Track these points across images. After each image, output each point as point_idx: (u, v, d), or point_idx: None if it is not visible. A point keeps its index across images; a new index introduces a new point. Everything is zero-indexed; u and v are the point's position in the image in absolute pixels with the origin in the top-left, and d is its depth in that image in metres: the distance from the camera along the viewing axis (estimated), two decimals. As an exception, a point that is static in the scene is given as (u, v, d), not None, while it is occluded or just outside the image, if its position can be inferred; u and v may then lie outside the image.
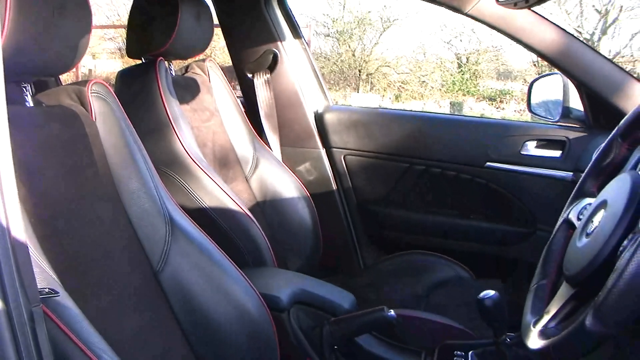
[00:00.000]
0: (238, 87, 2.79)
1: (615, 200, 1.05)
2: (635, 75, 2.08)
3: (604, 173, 1.31)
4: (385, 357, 1.76)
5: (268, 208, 2.34)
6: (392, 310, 1.69)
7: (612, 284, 0.85)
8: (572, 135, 2.27)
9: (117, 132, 1.32)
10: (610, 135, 1.30)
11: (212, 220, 1.92)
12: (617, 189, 1.08)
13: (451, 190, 2.54)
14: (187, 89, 2.21)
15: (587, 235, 1.10)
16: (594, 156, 1.35)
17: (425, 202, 2.59)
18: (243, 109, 2.44)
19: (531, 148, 2.38)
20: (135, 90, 1.99)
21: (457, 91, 12.30)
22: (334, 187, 2.68)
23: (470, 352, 1.72)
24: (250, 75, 2.63)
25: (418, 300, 2.25)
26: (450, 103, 11.98)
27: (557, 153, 2.31)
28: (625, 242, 0.99)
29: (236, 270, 1.42)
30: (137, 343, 1.20)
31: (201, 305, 1.32)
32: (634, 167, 1.38)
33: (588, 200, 1.29)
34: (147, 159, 1.38)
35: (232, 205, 1.96)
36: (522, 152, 2.38)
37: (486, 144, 2.43)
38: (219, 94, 2.33)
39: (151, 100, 1.94)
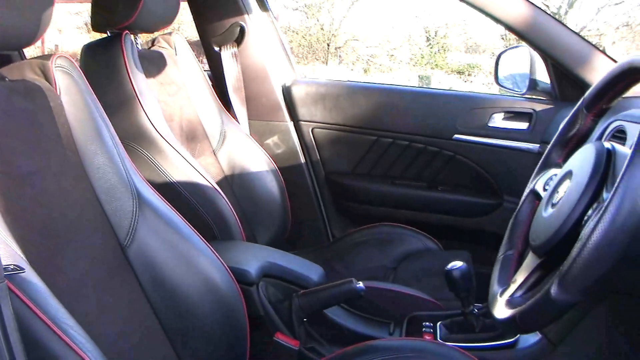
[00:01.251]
0: (205, 61, 2.76)
1: (580, 171, 1.06)
2: (601, 48, 2.09)
3: (570, 144, 1.32)
4: (354, 329, 1.77)
5: (236, 181, 2.33)
6: (360, 282, 1.70)
7: (577, 253, 0.86)
8: (539, 107, 2.29)
9: (82, 106, 1.30)
10: (576, 107, 1.31)
11: (179, 194, 1.91)
12: (582, 160, 1.09)
13: (419, 163, 2.54)
14: (154, 63, 2.18)
15: (553, 205, 1.11)
16: (560, 128, 1.36)
17: (393, 175, 2.60)
18: (210, 83, 2.42)
19: (498, 120, 2.39)
20: (100, 64, 1.96)
21: (425, 65, 12.32)
22: (302, 160, 2.68)
23: (438, 323, 1.74)
24: (217, 49, 2.61)
25: (386, 272, 2.26)
26: (419, 77, 12.01)
27: (524, 125, 2.33)
28: (589, 212, 1.00)
29: (204, 244, 1.41)
30: (105, 318, 1.19)
31: (169, 279, 1.31)
32: (599, 138, 1.40)
33: (554, 171, 1.30)
34: (113, 133, 1.36)
35: (200, 179, 1.95)
36: (489, 125, 2.39)
37: (454, 117, 2.44)
38: (186, 68, 2.31)
39: (117, 74, 1.92)
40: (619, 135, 1.40)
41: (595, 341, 1.49)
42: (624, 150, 1.03)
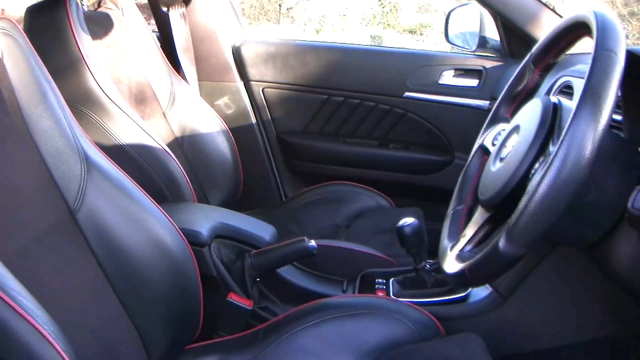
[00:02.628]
0: (154, 22, 2.71)
1: (527, 125, 1.07)
2: (550, 7, 2.10)
3: (517, 99, 1.32)
4: (308, 287, 1.78)
5: (187, 143, 2.31)
6: (312, 241, 1.70)
7: (524, 206, 0.87)
8: (489, 64, 2.30)
9: (26, 70, 1.27)
10: (523, 62, 1.32)
11: (129, 157, 1.88)
12: (529, 114, 1.09)
13: (370, 121, 2.54)
14: (100, 24, 2.13)
15: (501, 160, 1.12)
16: (508, 83, 1.37)
17: (344, 133, 2.60)
18: (159, 44, 2.37)
19: (449, 78, 2.40)
20: (45, 27, 1.90)
21: (377, 24, 12.28)
22: (253, 120, 2.66)
23: (391, 280, 1.75)
24: (164, 9, 2.55)
25: (339, 231, 2.27)
26: (371, 36, 11.97)
27: (474, 82, 2.34)
28: (536, 166, 1.00)
29: (154, 206, 1.39)
30: (55, 282, 1.18)
31: (120, 243, 1.29)
32: (547, 93, 1.41)
33: (502, 126, 1.31)
34: (59, 96, 1.32)
35: (150, 142, 1.92)
36: (439, 82, 2.39)
37: (404, 74, 2.44)
38: (133, 29, 2.25)
39: (62, 36, 1.87)
40: (566, 90, 1.41)
41: (543, 293, 1.52)
42: (570, 104, 1.04)
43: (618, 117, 1.17)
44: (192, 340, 1.48)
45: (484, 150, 1.32)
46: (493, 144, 1.28)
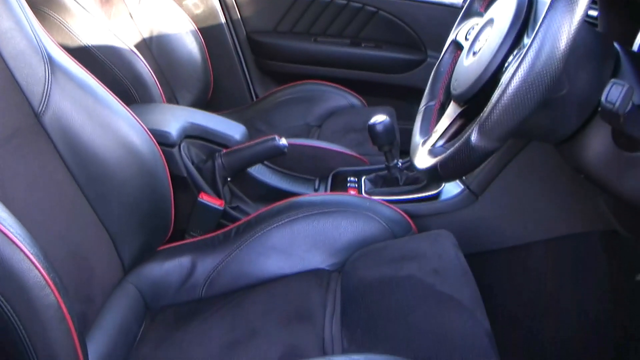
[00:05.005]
0: None
1: (501, 18, 1.04)
2: None
3: (492, -8, 1.29)
4: (279, 186, 1.78)
5: (154, 44, 2.26)
6: (283, 139, 1.69)
7: (496, 99, 0.86)
8: (462, -41, 2.26)
9: (-18, -31, 1.21)
10: (498, -47, 1.28)
11: (95, 58, 1.84)
12: (503, 7, 1.07)
13: (342, 19, 2.51)
14: None
15: (474, 54, 1.10)
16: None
17: (315, 32, 2.57)
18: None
19: (422, -26, 2.36)
20: None
21: None
22: (222, 19, 2.60)
23: (363, 178, 1.75)
24: None
25: (310, 130, 2.26)
26: None
27: (447, -21, 2.30)
28: (510, 58, 0.99)
29: (122, 107, 1.36)
30: (22, 188, 1.15)
31: (87, 145, 1.26)
32: (521, -15, 1.38)
33: (475, 20, 1.28)
34: None
35: (115, 42, 1.88)
36: None
37: None
38: None
39: None
40: (542, -18, 1.39)
41: (514, 191, 1.53)
42: (545, -3, 1.02)
43: (594, 13, 1.15)
44: (164, 241, 1.48)
45: (457, 45, 1.30)
46: (466, 39, 1.26)
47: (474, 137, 0.89)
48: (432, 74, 1.33)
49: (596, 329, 1.54)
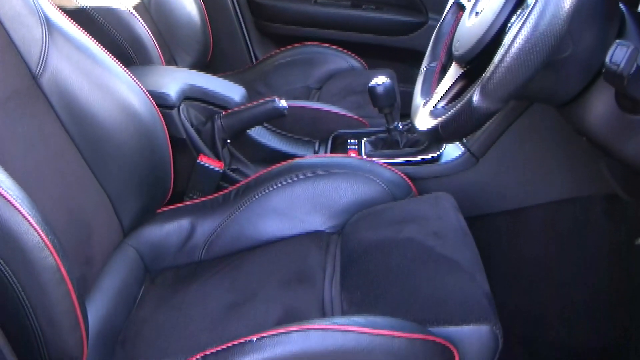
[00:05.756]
0: None
1: (505, -23, 1.03)
2: None
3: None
4: (279, 148, 1.77)
5: (153, 5, 2.24)
6: (283, 101, 1.68)
7: (499, 60, 0.85)
8: None
9: None
10: None
11: (92, 19, 1.82)
12: (506, -34, 1.05)
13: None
14: None
15: (477, 14, 1.08)
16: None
17: (316, -7, 2.54)
18: None
19: None
20: None
21: None
22: None
23: (363, 140, 1.74)
24: None
25: (310, 92, 2.25)
26: None
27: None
28: (513, 18, 0.98)
29: (121, 68, 1.35)
30: (20, 150, 1.15)
31: (85, 106, 1.25)
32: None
33: (478, -20, 1.27)
34: None
35: (114, 4, 1.86)
36: None
37: None
38: None
39: None
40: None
41: (515, 154, 1.53)
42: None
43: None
44: (163, 204, 1.48)
45: (459, 6, 1.28)
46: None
47: (475, 98, 0.88)
48: (433, 35, 1.31)
49: (595, 294, 1.54)
